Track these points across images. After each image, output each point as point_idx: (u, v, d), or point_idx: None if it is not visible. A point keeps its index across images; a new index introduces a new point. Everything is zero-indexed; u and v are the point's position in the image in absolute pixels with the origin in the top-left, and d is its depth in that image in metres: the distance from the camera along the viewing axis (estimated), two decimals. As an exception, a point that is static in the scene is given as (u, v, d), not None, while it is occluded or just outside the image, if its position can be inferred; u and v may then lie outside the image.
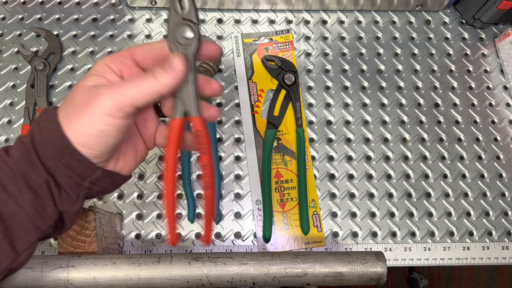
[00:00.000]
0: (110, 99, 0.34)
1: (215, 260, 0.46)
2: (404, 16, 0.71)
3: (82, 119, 0.34)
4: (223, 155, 0.63)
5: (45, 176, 0.34)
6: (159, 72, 0.35)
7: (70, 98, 0.35)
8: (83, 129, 0.34)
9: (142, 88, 0.35)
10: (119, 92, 0.34)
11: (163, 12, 0.69)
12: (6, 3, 0.70)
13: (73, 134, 0.34)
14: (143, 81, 0.35)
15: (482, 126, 0.66)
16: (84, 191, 0.36)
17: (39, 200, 0.35)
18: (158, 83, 0.35)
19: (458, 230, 0.61)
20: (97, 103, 0.34)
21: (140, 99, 0.35)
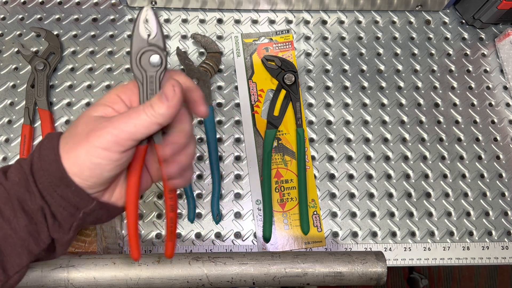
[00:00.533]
0: (108, 134, 0.33)
1: (215, 260, 0.46)
2: (404, 16, 0.71)
3: (78, 150, 0.34)
4: (223, 155, 0.63)
5: (41, 203, 0.34)
6: (155, 102, 0.34)
7: (74, 126, 0.35)
8: (78, 160, 0.34)
9: (139, 121, 0.34)
10: (117, 127, 0.33)
11: (163, 12, 0.70)
12: (6, 3, 0.70)
13: (69, 164, 0.34)
14: (141, 113, 0.34)
15: (482, 126, 0.66)
16: (76, 222, 0.36)
17: (34, 225, 0.34)
18: (155, 114, 0.34)
19: (458, 230, 0.61)
20: (95, 136, 0.33)
21: (138, 132, 0.34)
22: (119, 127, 0.33)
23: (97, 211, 0.36)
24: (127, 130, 0.33)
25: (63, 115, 0.64)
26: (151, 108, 0.34)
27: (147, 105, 0.34)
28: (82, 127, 0.35)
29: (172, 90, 0.34)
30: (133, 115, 0.34)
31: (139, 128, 0.34)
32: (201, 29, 0.69)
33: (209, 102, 0.64)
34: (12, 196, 0.34)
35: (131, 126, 0.33)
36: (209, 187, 0.61)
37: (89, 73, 0.66)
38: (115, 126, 0.33)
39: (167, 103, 0.34)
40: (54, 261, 0.45)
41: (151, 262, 0.46)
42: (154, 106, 0.34)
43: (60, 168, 0.34)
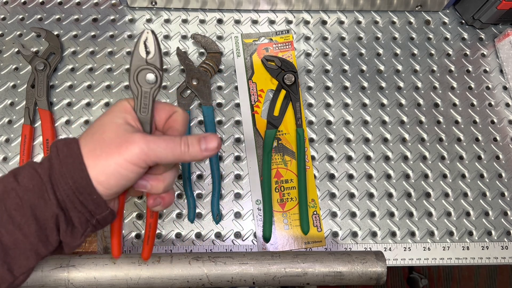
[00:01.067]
0: (140, 150, 0.35)
1: (215, 260, 0.46)
2: (403, 16, 0.71)
3: (109, 160, 0.35)
4: (223, 155, 0.63)
5: (56, 211, 0.35)
6: (193, 145, 0.37)
7: (100, 132, 0.36)
8: (107, 170, 0.35)
9: (171, 151, 0.36)
10: (150, 147, 0.35)
11: (163, 13, 0.70)
12: (6, 3, 0.70)
13: (95, 172, 0.35)
14: (176, 145, 0.36)
15: (482, 126, 0.66)
16: (90, 228, 0.37)
17: (44, 230, 0.35)
18: (187, 154, 0.37)
19: (458, 230, 0.61)
20: (128, 149, 0.35)
21: (165, 158, 0.36)
22: (151, 147, 0.35)
23: (106, 218, 0.38)
24: (157, 154, 0.35)
25: (63, 115, 0.64)
26: (187, 146, 0.37)
27: (185, 142, 0.37)
28: (111, 135, 0.35)
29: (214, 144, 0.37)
30: (169, 144, 0.36)
31: (168, 155, 0.36)
32: (201, 29, 0.69)
33: (209, 102, 0.64)
34: (25, 202, 0.34)
35: (162, 151, 0.36)
36: (209, 187, 0.61)
37: (89, 73, 0.66)
38: (148, 145, 0.35)
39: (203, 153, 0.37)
40: (54, 261, 0.45)
41: (151, 262, 0.46)
42: (191, 147, 0.37)
43: (85, 176, 0.34)
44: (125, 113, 0.37)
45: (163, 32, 0.69)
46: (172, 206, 0.61)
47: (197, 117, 0.65)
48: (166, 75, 0.67)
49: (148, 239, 0.43)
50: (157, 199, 0.40)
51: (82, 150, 0.35)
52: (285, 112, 0.64)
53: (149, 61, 0.37)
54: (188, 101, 0.64)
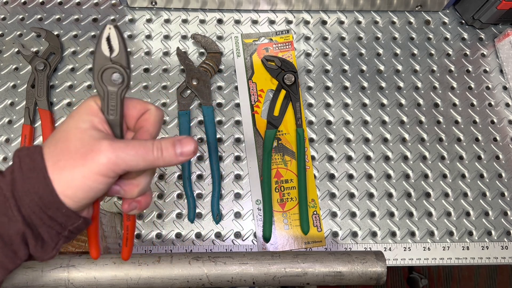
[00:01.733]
0: (107, 160, 0.32)
1: (215, 260, 0.46)
2: (403, 16, 0.71)
3: (74, 173, 0.32)
4: (223, 155, 0.63)
5: (22, 229, 0.32)
6: (167, 149, 0.34)
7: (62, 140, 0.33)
8: (73, 183, 0.32)
9: (142, 158, 0.33)
10: (119, 155, 0.32)
11: (163, 13, 0.70)
12: (6, 3, 0.70)
13: (61, 186, 0.32)
14: (148, 151, 0.33)
15: (482, 126, 0.66)
16: (62, 240, 0.35)
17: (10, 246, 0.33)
18: (160, 159, 0.34)
19: (458, 230, 0.61)
20: (94, 160, 0.32)
21: (136, 166, 0.33)
22: (120, 156, 0.32)
23: (78, 227, 0.36)
24: (127, 162, 0.33)
25: (63, 115, 0.64)
26: (160, 151, 0.34)
27: (158, 147, 0.34)
28: (76, 143, 0.33)
29: (190, 148, 0.34)
30: (140, 150, 0.33)
31: (139, 163, 0.33)
32: (201, 30, 0.69)
33: (209, 102, 0.64)
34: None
35: (132, 159, 0.33)
36: (209, 187, 0.61)
37: (90, 73, 0.67)
38: (116, 153, 0.32)
39: (179, 157, 0.34)
40: (54, 260, 0.45)
41: (151, 262, 0.46)
42: (165, 151, 0.34)
43: (51, 191, 0.32)
44: (91, 115, 0.34)
45: (163, 32, 0.69)
46: (172, 206, 0.61)
47: (197, 117, 0.65)
48: (166, 75, 0.67)
49: (127, 241, 0.41)
50: (132, 203, 0.38)
51: (46, 162, 0.32)
52: (285, 112, 0.64)
53: (113, 59, 0.34)
54: (188, 101, 0.64)
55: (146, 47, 0.68)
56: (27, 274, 0.44)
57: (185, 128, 0.63)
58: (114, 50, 0.34)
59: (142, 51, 0.68)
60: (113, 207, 0.60)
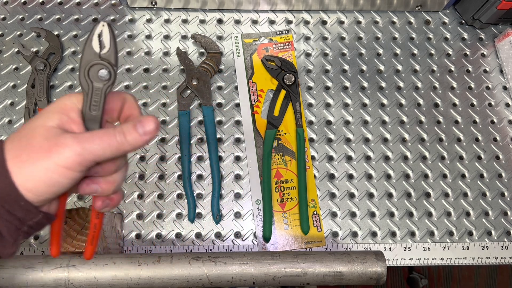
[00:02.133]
0: (73, 153, 0.31)
1: (215, 260, 0.46)
2: (403, 16, 0.71)
3: (36, 166, 0.31)
4: (223, 155, 0.63)
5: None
6: (130, 132, 0.33)
7: (27, 136, 0.32)
8: (35, 176, 0.31)
9: (108, 145, 0.33)
10: (84, 147, 0.32)
11: (163, 13, 0.70)
12: (6, 3, 0.70)
13: (21, 178, 0.31)
14: (111, 137, 0.33)
15: (482, 126, 0.66)
16: (21, 235, 0.34)
17: None
18: (126, 143, 0.33)
19: (458, 230, 0.61)
20: (58, 153, 0.31)
21: (103, 155, 0.33)
22: (85, 147, 0.32)
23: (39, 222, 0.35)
24: (93, 152, 0.32)
25: (63, 115, 0.64)
26: (123, 135, 0.33)
27: (120, 131, 0.33)
28: (39, 139, 0.32)
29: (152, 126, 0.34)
30: (104, 138, 0.33)
31: (106, 151, 0.33)
32: (201, 30, 0.69)
33: (209, 102, 0.64)
34: None
35: (98, 148, 0.32)
36: (209, 187, 0.61)
37: (89, 73, 0.66)
38: (81, 145, 0.32)
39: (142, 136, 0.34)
40: (54, 260, 0.45)
41: (151, 262, 0.46)
42: (128, 134, 0.33)
43: (10, 183, 0.31)
44: (61, 113, 0.33)
45: (163, 32, 0.69)
46: (172, 206, 0.61)
47: (197, 117, 0.65)
48: (166, 75, 0.67)
49: (92, 239, 0.40)
50: (106, 201, 0.37)
51: (6, 155, 0.32)
52: (285, 112, 0.64)
53: (102, 56, 0.34)
54: (188, 101, 0.64)
55: (146, 47, 0.68)
56: (27, 274, 0.44)
57: (185, 128, 0.63)
58: (104, 47, 0.34)
59: (142, 51, 0.68)
60: (113, 207, 0.60)
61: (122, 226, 0.59)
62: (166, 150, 0.63)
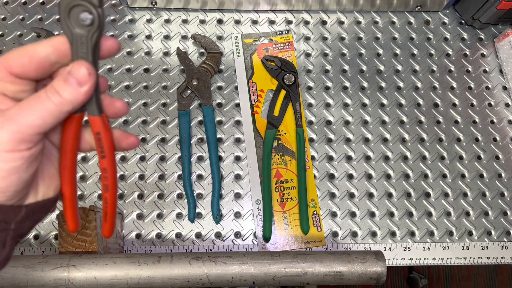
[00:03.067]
0: (8, 132, 0.27)
1: (215, 260, 0.46)
2: (403, 16, 0.71)
3: None
4: (223, 155, 0.63)
5: None
6: (61, 87, 0.28)
7: None
8: None
9: (44, 110, 0.28)
10: (16, 121, 0.27)
11: (164, 13, 0.70)
12: (7, 4, 0.70)
13: None
14: (45, 101, 0.28)
15: (481, 126, 0.66)
16: (11, 234, 0.30)
17: None
18: (64, 102, 0.29)
19: (458, 230, 0.61)
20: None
21: (44, 123, 0.28)
22: (19, 121, 0.28)
23: (31, 216, 0.31)
24: (31, 124, 0.28)
25: (63, 115, 0.64)
26: (57, 94, 0.28)
27: (52, 90, 0.28)
28: None
29: (82, 73, 0.29)
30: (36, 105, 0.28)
31: (46, 120, 0.28)
32: (201, 30, 0.69)
33: (209, 102, 0.64)
34: None
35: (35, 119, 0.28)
36: (209, 187, 0.61)
37: (90, 73, 0.66)
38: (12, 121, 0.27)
39: (76, 88, 0.29)
40: (55, 260, 0.45)
41: (151, 262, 0.46)
42: (61, 91, 0.28)
43: None
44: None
45: (163, 32, 0.69)
46: (172, 206, 0.61)
47: (197, 117, 0.65)
48: (166, 75, 0.67)
49: (106, 215, 0.35)
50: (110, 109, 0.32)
51: None
52: (285, 112, 0.64)
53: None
54: (188, 101, 0.64)
55: (146, 47, 0.68)
56: (27, 274, 0.44)
57: (185, 128, 0.63)
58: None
59: (142, 51, 0.68)
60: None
61: (122, 226, 0.60)
62: (166, 150, 0.63)
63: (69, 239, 0.49)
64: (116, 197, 0.35)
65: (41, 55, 0.29)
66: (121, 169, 0.62)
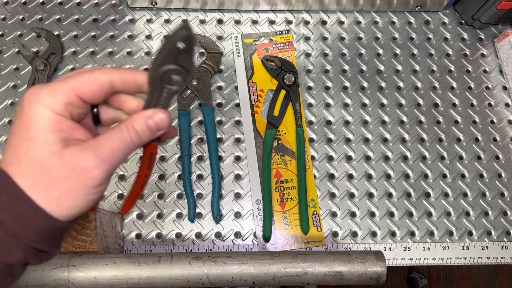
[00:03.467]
0: (100, 171, 0.31)
1: (215, 260, 0.46)
2: (403, 16, 0.71)
3: (73, 197, 0.31)
4: (223, 155, 0.63)
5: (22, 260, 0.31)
6: (143, 131, 0.33)
7: (40, 170, 0.30)
8: (75, 206, 0.31)
9: (127, 148, 0.33)
10: (107, 160, 0.31)
11: (164, 13, 0.70)
12: (7, 4, 0.70)
13: (61, 213, 0.31)
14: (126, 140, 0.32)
15: (481, 126, 0.66)
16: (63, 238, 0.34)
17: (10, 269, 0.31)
18: (141, 142, 0.33)
19: (458, 230, 0.61)
20: (87, 179, 0.31)
21: (123, 157, 0.33)
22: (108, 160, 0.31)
23: None
24: (116, 161, 0.32)
25: (63, 115, 0.64)
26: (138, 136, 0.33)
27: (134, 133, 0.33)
28: (59, 170, 0.30)
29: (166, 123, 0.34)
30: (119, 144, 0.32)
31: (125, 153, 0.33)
32: (201, 30, 0.69)
33: (209, 102, 0.64)
34: None
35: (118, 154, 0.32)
36: (209, 187, 0.61)
37: (90, 73, 0.66)
38: (105, 160, 0.31)
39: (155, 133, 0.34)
40: (55, 260, 0.45)
41: (151, 262, 0.46)
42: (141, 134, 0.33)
43: (52, 222, 0.30)
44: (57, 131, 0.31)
45: (163, 32, 0.69)
46: (173, 206, 0.61)
47: (197, 117, 0.65)
48: (166, 75, 0.67)
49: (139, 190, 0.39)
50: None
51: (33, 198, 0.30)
52: (285, 112, 0.64)
53: (180, 62, 0.34)
54: (188, 101, 0.64)
55: (146, 47, 0.68)
56: (27, 274, 0.44)
57: (185, 128, 0.63)
58: (183, 52, 0.33)
59: (142, 51, 0.68)
60: (113, 207, 0.60)
61: (122, 226, 0.60)
62: (166, 150, 0.63)
63: (69, 239, 0.49)
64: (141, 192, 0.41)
65: (112, 84, 0.33)
66: (121, 169, 0.62)
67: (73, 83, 0.32)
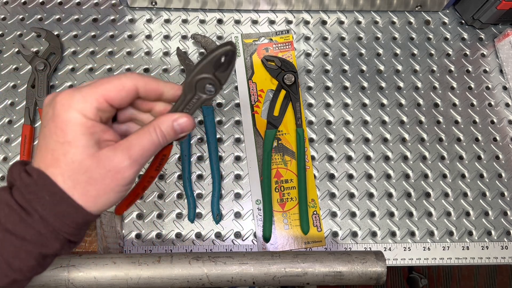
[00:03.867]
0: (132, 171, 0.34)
1: (215, 260, 0.46)
2: (403, 16, 0.71)
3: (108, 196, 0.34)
4: (223, 155, 0.63)
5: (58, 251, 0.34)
6: (169, 132, 0.36)
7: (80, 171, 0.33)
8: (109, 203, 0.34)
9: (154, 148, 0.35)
10: (137, 162, 0.34)
11: (163, 13, 0.70)
12: (6, 3, 0.70)
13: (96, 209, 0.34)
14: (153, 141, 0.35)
15: (482, 126, 0.66)
16: None
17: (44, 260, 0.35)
18: (165, 142, 0.36)
19: (458, 230, 0.61)
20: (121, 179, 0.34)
21: (150, 156, 0.36)
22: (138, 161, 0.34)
23: None
24: (145, 160, 0.35)
25: (63, 115, 0.64)
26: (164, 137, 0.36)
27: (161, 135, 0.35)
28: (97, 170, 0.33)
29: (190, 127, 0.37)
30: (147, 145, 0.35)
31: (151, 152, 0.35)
32: (201, 30, 0.69)
33: (209, 102, 0.64)
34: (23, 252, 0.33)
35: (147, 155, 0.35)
36: (209, 187, 0.61)
37: (90, 73, 0.67)
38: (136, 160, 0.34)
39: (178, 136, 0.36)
40: (54, 260, 0.45)
41: (151, 262, 0.46)
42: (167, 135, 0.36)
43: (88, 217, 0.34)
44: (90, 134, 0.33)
45: (163, 32, 0.69)
46: (172, 206, 0.61)
47: (197, 117, 0.65)
48: (166, 75, 0.67)
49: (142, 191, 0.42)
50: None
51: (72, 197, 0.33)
52: (285, 112, 0.64)
53: (217, 74, 0.35)
54: (188, 101, 0.64)
55: (146, 47, 0.68)
56: (27, 274, 0.44)
57: (185, 128, 0.63)
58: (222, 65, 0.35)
59: (142, 51, 0.68)
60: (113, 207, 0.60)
61: (122, 226, 0.59)
62: (166, 150, 0.63)
63: (69, 239, 0.48)
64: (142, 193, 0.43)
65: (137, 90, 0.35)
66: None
67: (103, 90, 0.34)
